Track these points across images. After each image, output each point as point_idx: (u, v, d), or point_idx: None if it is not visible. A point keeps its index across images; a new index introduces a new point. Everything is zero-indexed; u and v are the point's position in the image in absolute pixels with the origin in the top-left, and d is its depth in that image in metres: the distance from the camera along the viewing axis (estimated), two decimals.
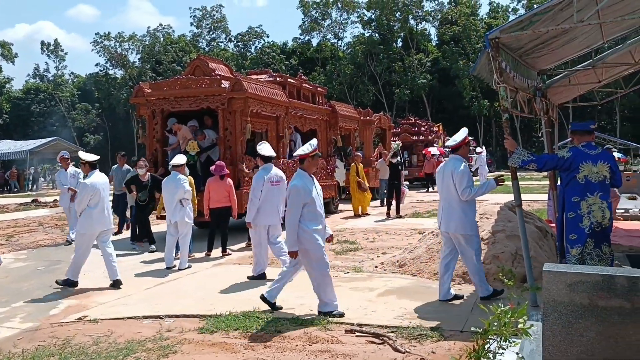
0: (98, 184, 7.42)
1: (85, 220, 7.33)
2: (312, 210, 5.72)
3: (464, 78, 53.57)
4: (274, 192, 7.55)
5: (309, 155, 5.83)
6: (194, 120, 11.93)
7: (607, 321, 2.58)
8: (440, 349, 4.66)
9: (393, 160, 14.99)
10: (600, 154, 5.35)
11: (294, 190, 5.65)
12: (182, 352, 4.75)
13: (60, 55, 68.46)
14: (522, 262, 6.40)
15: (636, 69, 10.13)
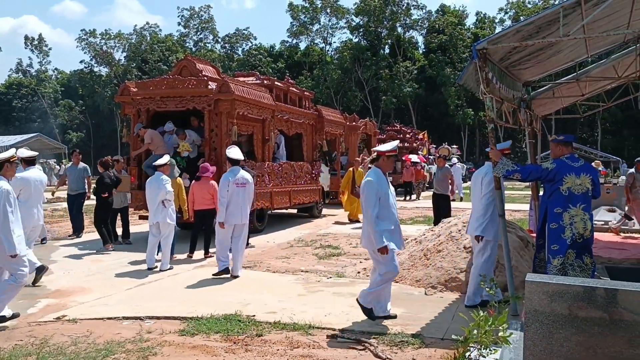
0: (30, 178, 7.32)
1: None
2: (385, 208, 5.54)
3: (450, 86, 54.07)
4: (239, 193, 7.89)
5: (385, 153, 5.63)
6: (170, 122, 11.83)
7: (587, 332, 2.62)
8: (421, 356, 4.68)
9: None
10: (583, 166, 5.43)
11: (369, 185, 5.45)
12: (162, 354, 4.71)
13: (44, 50, 67.79)
14: (504, 272, 6.46)
15: (619, 83, 10.30)
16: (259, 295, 6.77)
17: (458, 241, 7.41)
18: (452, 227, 7.87)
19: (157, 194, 8.43)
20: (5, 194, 5.54)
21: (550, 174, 5.40)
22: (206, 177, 9.29)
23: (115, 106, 55.08)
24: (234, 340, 5.09)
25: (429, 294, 6.75)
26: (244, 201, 7.95)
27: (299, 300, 6.57)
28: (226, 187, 7.84)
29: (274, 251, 10.23)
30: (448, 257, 7.23)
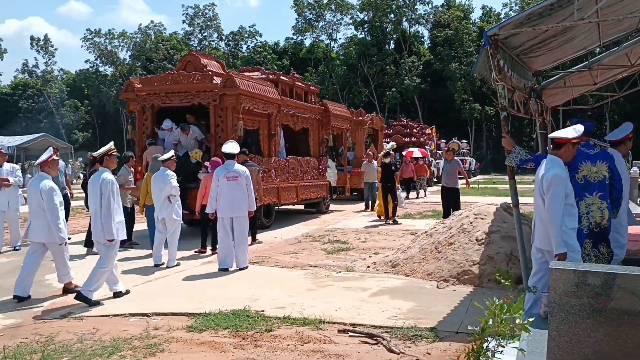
0: None
1: None
2: (570, 204, 4.81)
3: (456, 81, 53.76)
4: (229, 186, 8.04)
5: (570, 140, 4.78)
6: (168, 120, 11.70)
7: (616, 321, 2.48)
8: (436, 350, 4.55)
9: (386, 160, 14.03)
10: (599, 154, 5.24)
11: (557, 179, 4.57)
12: (169, 351, 4.60)
13: (50, 51, 67.76)
14: (517, 263, 6.32)
15: (631, 72, 10.10)
16: (268, 291, 6.65)
17: (470, 233, 7.27)
18: (464, 219, 7.73)
19: (163, 189, 8.33)
20: (110, 184, 6.28)
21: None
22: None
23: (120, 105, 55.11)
24: (242, 336, 4.97)
25: (441, 287, 6.61)
26: (236, 194, 8.05)
27: (308, 295, 6.45)
28: (217, 181, 8.10)
29: (281, 247, 10.11)
30: (460, 249, 7.09)
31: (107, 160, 6.52)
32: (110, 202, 6.22)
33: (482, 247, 6.96)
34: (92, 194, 6.38)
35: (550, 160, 4.75)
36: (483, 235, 7.11)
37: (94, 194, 6.32)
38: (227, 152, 8.28)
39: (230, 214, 8.07)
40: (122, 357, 4.47)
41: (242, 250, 8.07)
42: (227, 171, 8.13)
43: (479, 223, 7.44)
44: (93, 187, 6.34)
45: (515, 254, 6.58)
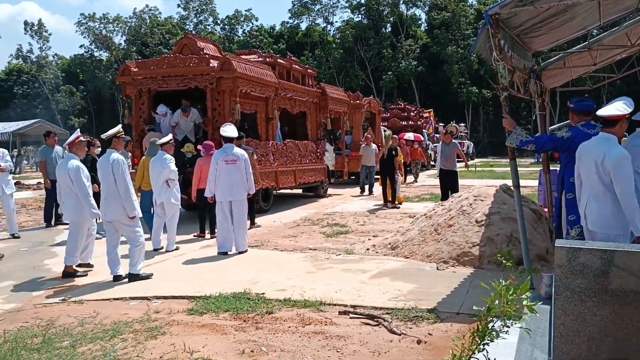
0: None
1: None
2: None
3: (453, 64, 53.51)
4: (228, 170, 8.00)
5: (626, 117, 4.52)
6: (163, 105, 11.59)
7: (622, 299, 2.46)
8: (437, 330, 4.55)
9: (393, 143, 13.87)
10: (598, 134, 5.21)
11: (626, 159, 4.28)
12: (170, 334, 4.59)
13: (44, 36, 67.23)
14: (517, 245, 6.32)
15: (630, 52, 10.03)
16: (268, 274, 6.64)
17: (469, 215, 7.25)
18: (463, 201, 7.71)
19: (161, 173, 8.28)
20: (122, 163, 6.49)
21: (565, 143, 5.19)
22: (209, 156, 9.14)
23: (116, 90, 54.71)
24: (243, 318, 4.97)
25: (441, 269, 6.61)
26: (235, 177, 8.02)
27: (308, 277, 6.44)
28: (215, 165, 8.05)
29: (280, 230, 10.10)
30: (460, 231, 7.08)
31: (115, 142, 6.69)
32: (126, 181, 6.45)
33: (481, 228, 6.95)
34: (103, 175, 6.52)
35: (605, 138, 4.49)
36: (483, 217, 7.09)
37: (106, 175, 6.47)
38: (226, 136, 8.20)
39: (229, 198, 8.03)
40: (124, 340, 4.46)
41: (241, 234, 8.05)
42: (226, 154, 8.07)
43: (478, 205, 7.43)
44: (104, 169, 6.50)
45: (515, 236, 6.57)
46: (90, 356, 4.11)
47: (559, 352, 2.58)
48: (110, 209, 6.46)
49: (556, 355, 2.60)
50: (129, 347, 4.28)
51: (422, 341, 4.29)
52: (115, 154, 6.54)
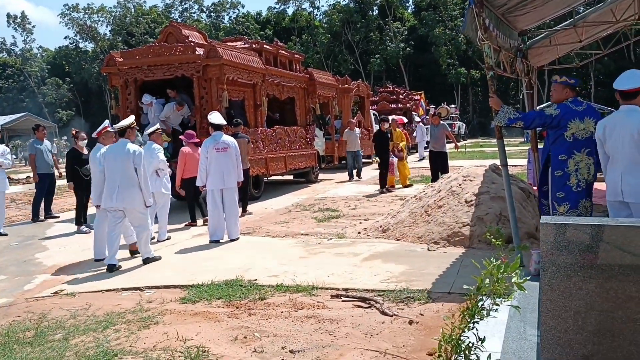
0: None
1: None
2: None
3: (441, 45, 53.38)
4: (219, 158, 7.96)
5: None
6: (147, 95, 11.48)
7: (606, 273, 2.49)
8: (429, 310, 4.59)
9: (384, 126, 13.42)
10: (586, 110, 5.23)
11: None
12: (163, 323, 4.60)
13: (27, 28, 66.23)
14: (507, 224, 6.36)
15: (615, 28, 10.05)
16: (260, 260, 6.66)
17: (459, 195, 7.28)
18: (453, 181, 7.74)
19: (150, 163, 8.22)
20: (141, 155, 6.71)
21: (554, 120, 5.20)
22: (192, 144, 9.14)
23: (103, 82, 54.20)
24: (236, 305, 4.98)
25: (432, 249, 6.65)
26: (226, 165, 7.99)
27: (301, 262, 6.46)
28: (205, 153, 7.99)
29: (272, 217, 10.11)
30: (449, 212, 7.11)
31: (129, 132, 6.85)
32: (145, 172, 6.73)
33: (471, 208, 6.99)
34: (113, 164, 6.67)
35: (632, 110, 4.56)
36: (472, 197, 7.13)
37: (116, 164, 6.63)
38: (215, 123, 8.16)
39: (220, 186, 8.00)
40: (116, 331, 4.46)
41: (233, 222, 8.05)
42: (216, 142, 8.01)
43: (467, 185, 7.46)
44: (113, 158, 6.67)
45: (504, 214, 6.61)
46: (83, 348, 4.11)
47: (547, 327, 2.61)
48: (125, 197, 6.61)
49: (544, 330, 2.63)
50: (122, 338, 4.28)
51: (414, 321, 4.32)
52: (130, 145, 6.70)
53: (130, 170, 6.60)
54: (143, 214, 6.79)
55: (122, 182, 6.61)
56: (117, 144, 6.83)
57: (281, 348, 3.93)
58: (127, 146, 6.66)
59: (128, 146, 6.66)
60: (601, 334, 2.52)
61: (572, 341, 2.56)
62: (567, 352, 2.58)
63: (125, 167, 6.60)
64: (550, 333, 2.61)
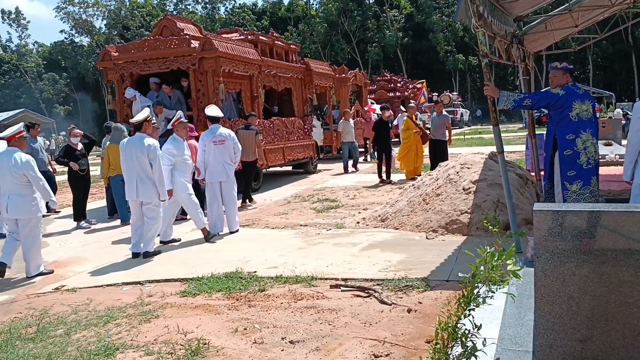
0: None
1: None
2: None
3: (438, 32, 53.19)
4: (216, 150, 7.97)
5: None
6: (130, 89, 11.35)
7: (599, 258, 2.51)
8: (427, 298, 4.62)
9: (385, 114, 13.08)
10: (585, 93, 5.46)
11: None
12: (164, 316, 4.63)
13: (22, 24, 65.95)
14: (505, 210, 6.38)
15: (611, 12, 9.99)
16: (259, 252, 6.69)
17: (457, 183, 7.30)
18: (450, 169, 7.75)
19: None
20: (157, 149, 6.79)
21: (560, 100, 5.30)
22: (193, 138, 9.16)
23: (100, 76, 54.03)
24: (236, 297, 5.02)
25: (430, 238, 6.67)
26: (224, 158, 8.01)
27: (300, 253, 6.49)
28: (203, 146, 8.00)
29: (271, 208, 10.13)
30: (447, 200, 7.13)
31: (146, 126, 6.91)
32: (160, 166, 6.79)
33: (469, 196, 7.01)
34: (128, 157, 6.78)
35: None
36: (470, 184, 7.15)
37: (132, 158, 6.74)
38: (212, 116, 8.17)
39: (219, 179, 8.01)
40: (118, 325, 4.50)
41: (232, 213, 8.07)
42: (214, 135, 8.02)
43: (465, 172, 7.47)
44: (130, 152, 6.77)
45: (502, 201, 6.64)
46: (85, 342, 4.15)
47: (541, 312, 2.64)
48: (141, 191, 6.75)
49: (538, 316, 2.66)
50: (123, 332, 4.32)
51: (412, 310, 4.36)
52: (148, 139, 6.77)
53: (146, 164, 6.73)
54: (156, 206, 6.91)
55: (140, 176, 6.75)
56: (134, 137, 6.90)
57: (281, 339, 3.97)
58: (144, 140, 6.75)
59: (146, 140, 6.75)
60: (595, 318, 2.55)
61: (567, 326, 2.59)
62: (562, 337, 2.61)
63: (141, 161, 6.72)
64: (544, 318, 2.64)
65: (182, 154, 7.52)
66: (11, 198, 6.25)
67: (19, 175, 6.21)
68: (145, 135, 6.86)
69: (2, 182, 6.29)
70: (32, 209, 6.35)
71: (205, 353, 3.80)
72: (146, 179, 6.76)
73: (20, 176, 6.22)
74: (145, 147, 6.71)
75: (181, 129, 7.59)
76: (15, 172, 6.19)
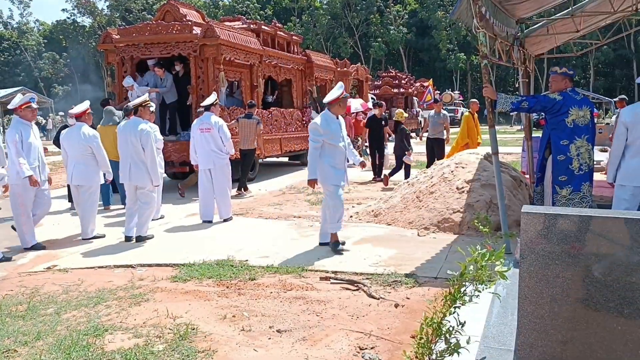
0: None
1: None
2: None
3: (441, 30, 53.15)
4: (202, 138, 8.04)
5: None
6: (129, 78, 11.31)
7: (584, 262, 2.56)
8: (415, 294, 4.67)
9: (376, 111, 12.91)
10: (583, 99, 5.49)
11: None
12: (154, 300, 4.68)
13: (24, 1, 65.58)
14: (497, 211, 6.43)
15: (614, 19, 10.02)
16: (252, 241, 6.73)
17: (451, 182, 7.35)
18: (445, 168, 7.80)
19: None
20: (152, 134, 6.86)
21: (556, 105, 5.37)
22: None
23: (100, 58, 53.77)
24: (226, 284, 5.06)
25: (422, 235, 6.73)
26: (209, 146, 8.02)
27: (292, 244, 6.54)
28: (192, 133, 8.17)
29: (265, 199, 10.17)
30: (441, 198, 7.18)
31: (141, 110, 7.00)
32: (154, 152, 6.86)
33: (462, 195, 7.06)
34: (123, 141, 6.87)
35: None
36: (463, 184, 7.20)
37: (127, 142, 6.82)
38: (204, 104, 8.31)
39: (207, 166, 8.05)
40: (108, 307, 4.54)
41: (224, 201, 8.10)
42: (201, 123, 8.11)
43: (459, 172, 7.52)
44: (125, 135, 6.85)
45: (495, 202, 6.69)
46: (75, 322, 4.18)
47: (524, 313, 2.69)
48: (134, 175, 6.85)
49: (521, 316, 2.71)
50: (113, 314, 4.36)
51: (400, 305, 4.41)
52: (143, 124, 6.83)
53: (139, 149, 6.79)
54: (150, 191, 6.99)
55: (132, 160, 6.82)
56: (130, 121, 6.96)
57: (269, 327, 4.02)
58: (139, 125, 6.80)
59: (140, 125, 6.80)
60: (576, 320, 2.60)
61: (548, 327, 2.65)
62: (543, 337, 2.66)
63: (135, 145, 6.79)
64: (527, 319, 2.69)
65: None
66: (76, 167, 7.04)
67: (85, 147, 6.96)
68: (141, 120, 6.91)
69: (71, 152, 7.08)
70: (94, 177, 7.11)
71: (193, 338, 3.84)
72: (140, 163, 6.83)
73: (86, 148, 6.96)
74: (138, 132, 6.77)
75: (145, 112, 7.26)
76: (83, 143, 6.95)
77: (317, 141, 6.08)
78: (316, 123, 6.11)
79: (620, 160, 5.50)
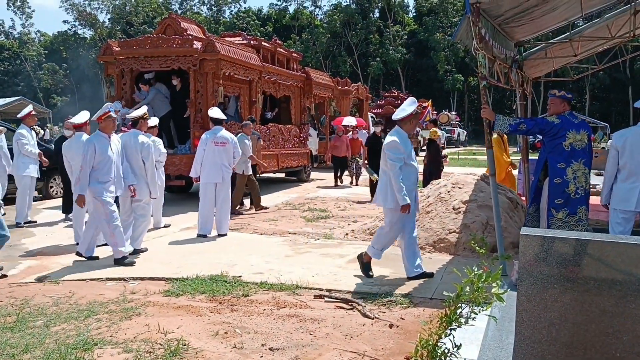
0: None
1: None
2: None
3: (440, 51, 53.59)
4: (216, 152, 7.96)
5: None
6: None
7: (582, 287, 2.53)
8: (410, 315, 4.62)
9: (377, 129, 12.26)
10: (581, 123, 5.50)
11: None
12: (145, 315, 4.61)
13: (27, 12, 65.88)
14: (493, 232, 6.40)
15: (611, 44, 10.12)
16: (246, 257, 6.68)
17: (447, 202, 7.33)
18: (442, 188, 7.78)
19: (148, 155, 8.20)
20: (151, 147, 6.96)
21: (554, 128, 5.37)
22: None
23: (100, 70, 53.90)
24: (219, 300, 5.00)
25: None
26: (222, 160, 8.01)
27: (286, 261, 6.49)
28: (203, 146, 7.99)
29: (261, 214, 10.12)
30: (437, 218, 7.15)
31: (141, 123, 7.04)
32: (153, 165, 6.98)
33: (458, 215, 7.03)
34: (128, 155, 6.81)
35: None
36: (460, 204, 7.17)
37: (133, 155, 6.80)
38: (215, 117, 8.21)
39: (215, 180, 7.98)
40: (98, 320, 4.47)
41: (224, 217, 8.05)
42: (215, 136, 8.03)
43: (456, 192, 7.50)
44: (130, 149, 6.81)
45: (491, 223, 6.66)
46: (64, 336, 4.11)
47: (521, 337, 2.65)
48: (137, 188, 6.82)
49: (518, 340, 2.67)
50: (103, 327, 4.29)
51: (394, 325, 4.36)
52: (142, 137, 6.85)
53: (139, 162, 6.79)
54: (146, 204, 6.99)
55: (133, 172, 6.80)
56: (129, 134, 6.94)
57: (261, 345, 3.96)
58: (138, 138, 6.82)
59: (139, 138, 6.83)
60: (574, 346, 2.56)
61: (545, 352, 2.61)
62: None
63: (137, 157, 6.78)
64: (524, 343, 2.66)
65: None
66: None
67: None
68: (140, 133, 6.92)
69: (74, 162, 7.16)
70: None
71: (184, 354, 3.78)
72: (139, 175, 6.80)
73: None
74: (139, 145, 6.78)
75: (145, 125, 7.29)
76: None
77: (400, 160, 5.42)
78: (396, 141, 5.45)
79: (613, 183, 5.69)
